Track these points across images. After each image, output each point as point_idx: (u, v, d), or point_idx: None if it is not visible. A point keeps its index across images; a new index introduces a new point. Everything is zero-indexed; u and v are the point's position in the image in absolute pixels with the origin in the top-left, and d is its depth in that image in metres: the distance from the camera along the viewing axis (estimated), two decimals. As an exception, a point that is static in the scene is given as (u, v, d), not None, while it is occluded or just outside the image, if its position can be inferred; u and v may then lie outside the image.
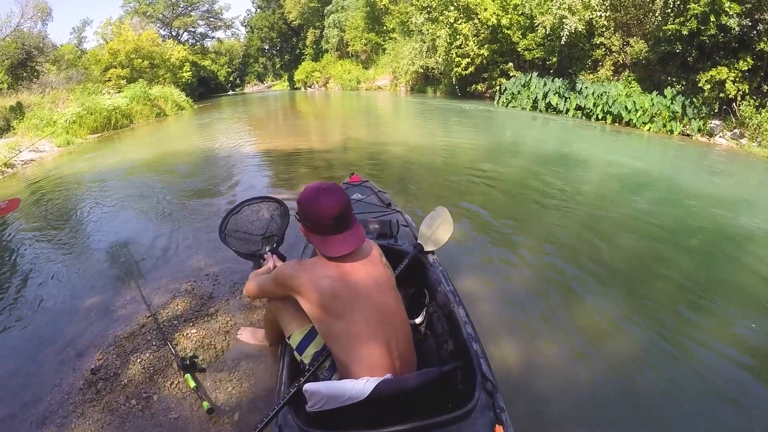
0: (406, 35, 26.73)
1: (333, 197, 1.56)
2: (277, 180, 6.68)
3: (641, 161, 7.79)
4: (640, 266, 3.59)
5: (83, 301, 3.11)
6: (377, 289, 1.57)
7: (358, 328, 1.51)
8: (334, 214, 1.55)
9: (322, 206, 1.55)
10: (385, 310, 1.57)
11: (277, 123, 16.44)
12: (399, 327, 1.60)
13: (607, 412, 2.08)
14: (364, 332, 1.51)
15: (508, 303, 2.97)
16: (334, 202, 1.55)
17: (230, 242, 2.68)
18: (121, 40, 25.56)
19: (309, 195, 1.59)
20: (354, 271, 1.57)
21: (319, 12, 42.55)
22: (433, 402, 1.48)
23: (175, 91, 23.24)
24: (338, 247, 1.56)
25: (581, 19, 13.06)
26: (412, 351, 1.65)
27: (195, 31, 45.76)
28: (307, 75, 43.25)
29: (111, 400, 2.13)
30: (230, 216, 2.81)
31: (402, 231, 2.71)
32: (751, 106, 8.84)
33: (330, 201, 1.55)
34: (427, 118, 14.52)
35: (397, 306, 1.64)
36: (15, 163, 8.91)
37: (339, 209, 1.55)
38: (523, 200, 5.27)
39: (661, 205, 5.10)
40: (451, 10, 18.06)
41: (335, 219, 1.55)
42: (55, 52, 23.77)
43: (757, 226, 4.43)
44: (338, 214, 1.55)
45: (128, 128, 15.17)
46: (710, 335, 2.68)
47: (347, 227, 1.59)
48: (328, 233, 1.57)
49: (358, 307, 1.52)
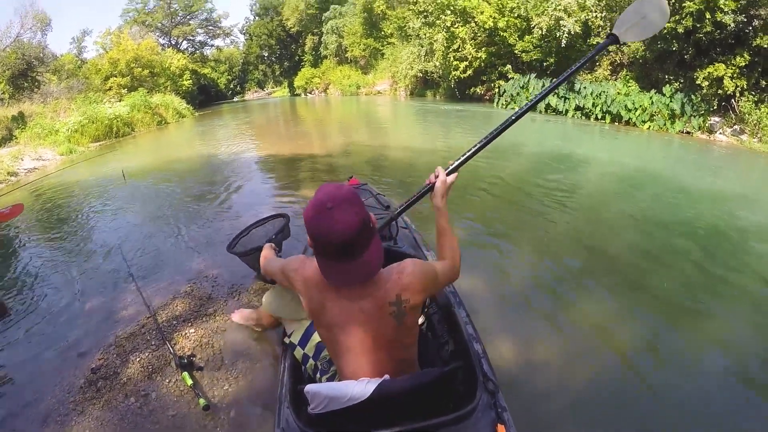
0: (404, 40, 26.81)
1: (338, 223, 1.24)
2: (278, 185, 6.72)
3: (641, 160, 7.80)
4: (640, 264, 3.59)
5: (85, 302, 3.16)
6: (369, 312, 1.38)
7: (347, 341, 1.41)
8: (334, 242, 1.25)
9: (322, 232, 1.26)
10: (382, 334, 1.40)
11: (277, 129, 16.51)
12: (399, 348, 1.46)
13: (608, 410, 2.07)
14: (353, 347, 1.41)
15: (508, 302, 2.98)
16: (339, 228, 1.24)
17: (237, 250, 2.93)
18: (121, 49, 25.68)
19: (314, 210, 1.27)
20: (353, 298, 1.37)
21: (317, 18, 42.73)
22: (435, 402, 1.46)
23: (175, 99, 23.36)
24: (334, 277, 1.32)
25: (578, 20, 13.11)
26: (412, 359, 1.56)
27: (194, 39, 46.01)
28: (306, 81, 43.38)
29: (110, 398, 2.16)
30: (239, 238, 3.08)
31: (401, 233, 2.73)
32: (750, 102, 8.84)
33: (334, 227, 1.24)
34: (426, 122, 14.56)
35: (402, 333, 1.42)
36: (18, 171, 8.98)
37: (340, 239, 1.24)
38: (524, 200, 5.27)
39: (661, 204, 5.10)
40: (447, 14, 18.13)
41: (335, 248, 1.27)
42: (56, 62, 23.92)
43: (758, 223, 4.42)
44: (341, 242, 1.25)
45: (130, 136, 15.27)
46: (709, 332, 2.68)
47: (350, 257, 1.28)
48: (327, 258, 1.31)
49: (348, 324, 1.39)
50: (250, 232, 3.16)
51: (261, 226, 3.20)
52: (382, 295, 1.35)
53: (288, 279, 1.54)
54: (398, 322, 1.37)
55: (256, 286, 3.13)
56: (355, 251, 1.28)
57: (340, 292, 1.37)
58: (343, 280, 1.32)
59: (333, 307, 1.39)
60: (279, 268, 1.62)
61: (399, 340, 1.43)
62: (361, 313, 1.37)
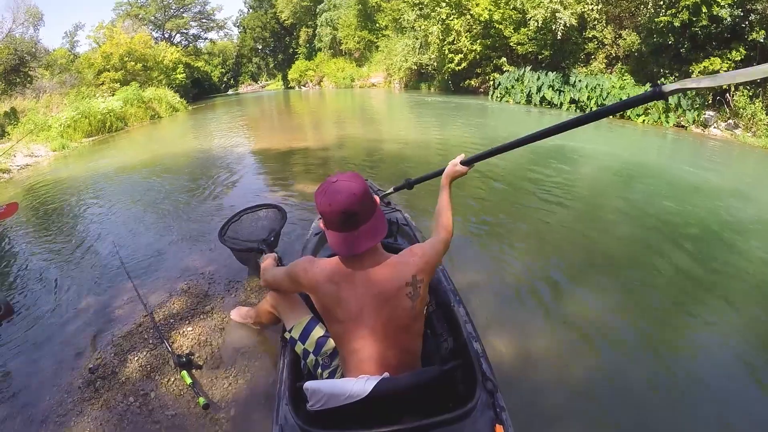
0: (399, 32, 26.69)
1: (342, 192, 1.43)
2: (272, 179, 6.68)
3: (636, 153, 7.82)
4: (635, 260, 3.61)
5: (81, 301, 3.13)
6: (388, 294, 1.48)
7: (360, 332, 1.49)
8: (338, 209, 1.42)
9: (327, 201, 1.44)
10: (396, 320, 1.49)
11: (272, 122, 16.42)
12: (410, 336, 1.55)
13: (607, 409, 2.07)
14: (367, 337, 1.48)
15: (507, 300, 2.97)
16: (342, 197, 1.42)
17: (227, 243, 3.01)
18: (114, 43, 25.39)
19: (322, 187, 1.48)
20: (365, 273, 1.48)
21: (312, 11, 42.39)
22: (434, 401, 1.47)
23: (168, 92, 23.12)
24: (340, 246, 1.46)
25: (573, 12, 13.09)
26: (417, 359, 1.61)
27: (187, 32, 45.53)
28: (300, 74, 43.10)
29: (109, 398, 2.15)
30: (230, 224, 3.16)
31: (402, 229, 2.72)
32: (745, 96, 8.87)
33: (337, 196, 1.42)
34: (421, 115, 14.51)
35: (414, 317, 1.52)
36: (11, 168, 8.89)
37: (343, 206, 1.41)
38: (519, 195, 5.28)
39: (656, 198, 5.12)
40: (442, 6, 18.03)
41: (339, 215, 1.43)
42: (48, 56, 23.62)
43: (752, 217, 4.45)
44: (342, 210, 1.42)
45: (123, 131, 15.14)
46: (705, 328, 2.70)
47: (353, 227, 1.44)
48: (334, 229, 1.47)
49: (365, 315, 1.48)
50: (241, 218, 3.25)
51: (252, 213, 3.29)
52: (401, 276, 1.48)
53: (296, 280, 1.61)
54: (413, 302, 1.49)
55: (253, 282, 3.12)
56: (357, 220, 1.44)
57: (356, 280, 1.48)
58: (347, 246, 1.45)
59: (348, 297, 1.48)
60: (284, 272, 1.70)
61: (409, 326, 1.52)
62: (377, 299, 1.47)
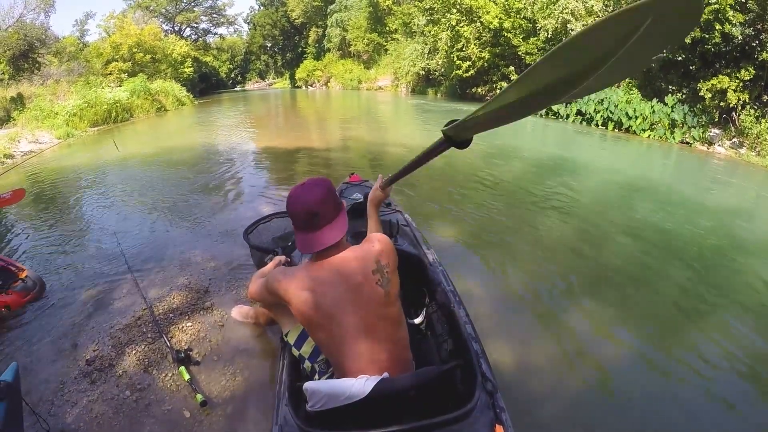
0: (409, 36, 26.76)
1: (306, 195, 1.52)
2: (276, 178, 6.68)
3: (640, 169, 7.81)
4: (636, 273, 3.60)
5: (80, 292, 3.11)
6: (358, 286, 1.49)
7: (343, 332, 1.48)
8: (301, 210, 1.51)
9: (292, 202, 1.54)
10: (373, 309, 1.50)
11: (277, 120, 16.44)
12: (391, 325, 1.54)
13: (606, 411, 2.09)
14: (351, 335, 1.48)
15: (507, 303, 2.99)
16: (304, 200, 1.51)
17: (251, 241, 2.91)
18: (124, 33, 25.43)
19: (290, 191, 1.57)
20: (332, 269, 1.51)
21: (323, 11, 42.56)
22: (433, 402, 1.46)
23: (176, 86, 23.16)
24: (304, 245, 1.53)
25: (585, 24, 13.10)
26: (406, 349, 1.61)
27: (197, 26, 45.74)
28: (308, 73, 43.20)
29: (105, 391, 2.13)
30: (258, 224, 3.06)
31: (402, 231, 2.72)
32: (751, 116, 8.87)
33: (300, 198, 1.52)
34: (427, 120, 14.52)
35: (389, 303, 1.54)
36: (14, 154, 8.89)
37: (306, 207, 1.50)
38: (523, 203, 5.28)
39: (658, 214, 5.11)
40: (453, 12, 18.08)
41: (303, 216, 1.51)
42: (57, 44, 23.63)
43: (754, 236, 4.44)
44: (305, 210, 1.50)
45: (128, 122, 15.14)
46: (704, 342, 2.69)
47: (316, 227, 1.51)
48: (299, 229, 1.55)
49: (342, 312, 1.48)
50: (272, 220, 3.12)
51: (285, 218, 3.07)
52: (366, 265, 1.51)
53: (274, 293, 1.61)
54: (385, 291, 1.51)
55: (255, 281, 3.11)
56: (320, 221, 1.50)
57: (326, 279, 1.49)
58: (311, 247, 1.52)
59: (326, 299, 1.48)
60: (261, 285, 1.71)
61: (387, 315, 1.53)
62: (350, 293, 1.48)
